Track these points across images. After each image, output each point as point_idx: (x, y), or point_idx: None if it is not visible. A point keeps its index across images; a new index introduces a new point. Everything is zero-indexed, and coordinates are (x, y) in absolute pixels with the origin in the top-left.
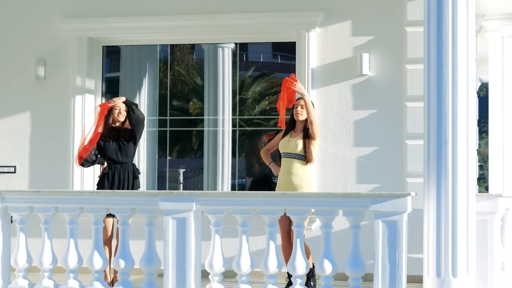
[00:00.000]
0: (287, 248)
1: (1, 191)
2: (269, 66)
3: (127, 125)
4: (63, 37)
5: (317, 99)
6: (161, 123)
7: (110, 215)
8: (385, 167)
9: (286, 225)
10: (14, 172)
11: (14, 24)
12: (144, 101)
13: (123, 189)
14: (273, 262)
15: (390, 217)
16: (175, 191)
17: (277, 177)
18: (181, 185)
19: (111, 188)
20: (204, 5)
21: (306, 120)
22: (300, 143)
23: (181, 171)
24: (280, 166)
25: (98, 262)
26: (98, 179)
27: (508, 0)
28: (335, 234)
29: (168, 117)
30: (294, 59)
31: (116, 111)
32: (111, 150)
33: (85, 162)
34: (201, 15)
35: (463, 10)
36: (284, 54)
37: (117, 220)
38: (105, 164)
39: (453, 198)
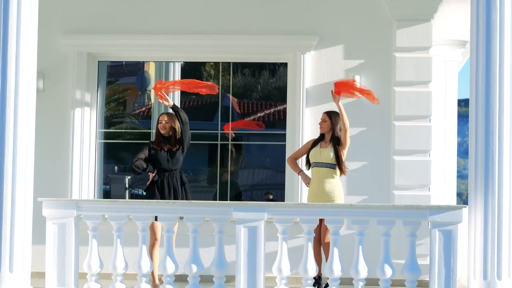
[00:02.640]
0: (316, 253)
1: (77, 200)
2: None
3: (176, 133)
4: (62, 52)
5: (310, 117)
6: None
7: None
8: (373, 180)
9: (317, 232)
10: None
11: None
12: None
13: (173, 196)
14: (337, 266)
15: (447, 227)
16: (249, 202)
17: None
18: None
19: (161, 195)
20: (203, 25)
21: (332, 131)
22: (332, 153)
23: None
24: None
25: (170, 267)
26: (146, 186)
27: (452, 28)
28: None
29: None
30: None
31: (160, 125)
32: (162, 159)
33: (136, 169)
34: (199, 35)
35: (508, 38)
36: None
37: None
38: (155, 171)
39: (498, 210)
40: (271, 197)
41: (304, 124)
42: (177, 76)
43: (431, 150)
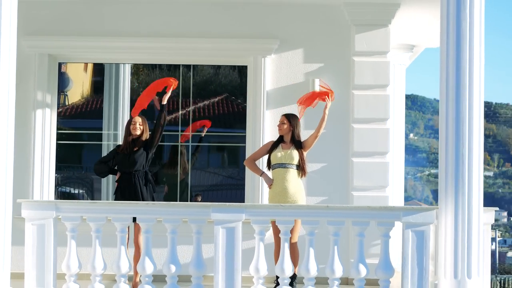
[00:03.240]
0: (279, 252)
1: (56, 201)
2: None
3: (143, 136)
4: (23, 53)
5: (270, 119)
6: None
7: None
8: (332, 181)
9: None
10: None
11: None
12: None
13: (134, 197)
14: (313, 266)
15: (419, 227)
16: (227, 203)
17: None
18: None
19: (123, 195)
20: (164, 28)
21: (292, 132)
22: (296, 155)
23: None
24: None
25: (149, 267)
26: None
27: (401, 33)
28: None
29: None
30: None
31: (133, 125)
32: (120, 161)
33: (99, 173)
34: (160, 38)
35: (477, 45)
36: None
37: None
38: (118, 174)
39: (468, 210)
40: (199, 199)
41: (264, 125)
42: (127, 78)
43: (389, 152)
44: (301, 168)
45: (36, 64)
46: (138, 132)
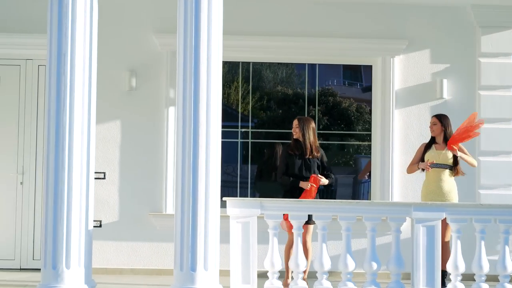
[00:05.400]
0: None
1: (262, 200)
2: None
3: (307, 140)
4: (154, 50)
5: (399, 118)
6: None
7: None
8: (461, 180)
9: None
10: (104, 178)
11: (109, 37)
12: None
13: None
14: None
15: None
16: (429, 202)
17: None
18: None
19: (293, 197)
20: (291, 28)
21: (444, 132)
22: (450, 155)
23: None
24: None
25: (351, 264)
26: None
27: None
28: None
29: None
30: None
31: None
32: (296, 165)
33: (283, 186)
34: (288, 37)
35: None
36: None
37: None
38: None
39: None
40: None
41: (394, 125)
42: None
43: None
44: (455, 167)
45: (168, 61)
46: (296, 135)
